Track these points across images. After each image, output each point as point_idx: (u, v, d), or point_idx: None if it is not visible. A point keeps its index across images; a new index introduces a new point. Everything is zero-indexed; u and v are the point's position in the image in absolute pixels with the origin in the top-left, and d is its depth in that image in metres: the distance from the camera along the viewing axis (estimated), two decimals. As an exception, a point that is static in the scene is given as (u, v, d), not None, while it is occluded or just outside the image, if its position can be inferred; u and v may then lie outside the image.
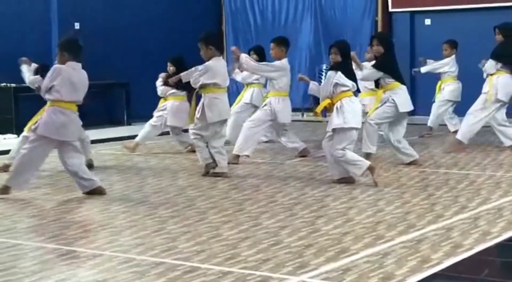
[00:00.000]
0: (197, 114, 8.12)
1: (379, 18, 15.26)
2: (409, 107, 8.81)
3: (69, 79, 7.00)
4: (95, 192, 7.22)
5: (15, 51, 8.73)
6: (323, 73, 14.33)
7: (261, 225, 5.98)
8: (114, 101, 14.01)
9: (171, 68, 9.97)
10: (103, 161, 9.60)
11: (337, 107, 7.54)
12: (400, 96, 8.72)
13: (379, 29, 15.18)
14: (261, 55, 10.08)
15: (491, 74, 9.93)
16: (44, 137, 7.05)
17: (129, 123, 13.24)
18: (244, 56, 8.86)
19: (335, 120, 7.53)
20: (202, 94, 8.16)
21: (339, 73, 7.53)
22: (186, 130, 9.22)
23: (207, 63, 8.10)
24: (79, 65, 7.19)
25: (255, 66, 9.11)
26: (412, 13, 15.29)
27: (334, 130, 7.57)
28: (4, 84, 12.31)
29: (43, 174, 8.27)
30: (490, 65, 9.94)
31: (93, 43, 13.76)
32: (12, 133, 11.77)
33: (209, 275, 4.63)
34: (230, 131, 10.37)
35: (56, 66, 7.08)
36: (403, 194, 7.26)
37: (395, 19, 15.42)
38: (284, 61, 9.29)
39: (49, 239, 5.61)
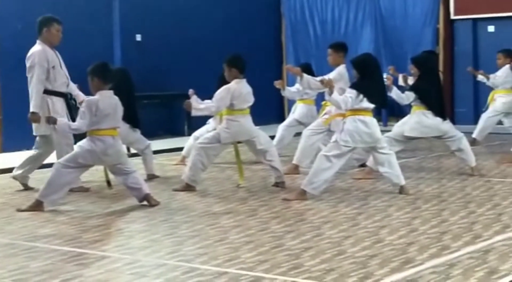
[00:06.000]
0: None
1: (441, 26, 15.01)
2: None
3: (105, 110, 7.14)
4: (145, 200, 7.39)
5: (79, 64, 8.82)
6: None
7: (323, 235, 5.94)
8: (175, 112, 14.14)
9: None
10: (165, 171, 9.67)
11: None
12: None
13: (441, 37, 14.98)
14: (310, 72, 9.71)
15: None
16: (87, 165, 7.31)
17: (189, 134, 13.28)
18: (306, 78, 8.68)
19: None
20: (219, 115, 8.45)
21: None
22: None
23: (227, 85, 8.24)
24: (111, 92, 7.30)
25: (318, 86, 8.93)
26: (475, 20, 14.95)
27: None
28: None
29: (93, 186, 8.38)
30: None
31: (155, 55, 13.97)
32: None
33: (273, 285, 4.62)
34: (277, 144, 10.23)
35: (90, 101, 7.14)
36: (468, 204, 7.14)
37: (457, 27, 15.17)
38: (341, 68, 9.09)
39: (113, 249, 5.67)
